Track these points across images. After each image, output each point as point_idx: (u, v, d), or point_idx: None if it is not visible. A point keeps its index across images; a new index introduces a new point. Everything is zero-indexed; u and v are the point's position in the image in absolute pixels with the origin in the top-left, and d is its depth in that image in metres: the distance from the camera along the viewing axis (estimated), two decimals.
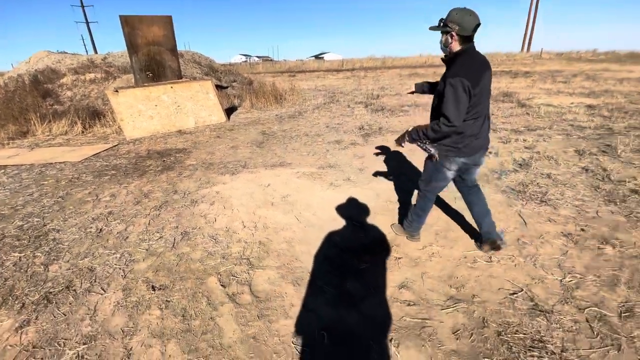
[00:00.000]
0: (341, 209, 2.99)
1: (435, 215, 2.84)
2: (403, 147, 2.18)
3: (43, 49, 11.74)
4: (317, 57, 70.13)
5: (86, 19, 42.93)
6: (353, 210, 2.98)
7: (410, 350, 1.57)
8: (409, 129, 2.09)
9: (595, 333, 1.63)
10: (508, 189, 3.27)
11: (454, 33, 1.80)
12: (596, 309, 1.77)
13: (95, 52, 41.11)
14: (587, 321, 1.70)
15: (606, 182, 3.34)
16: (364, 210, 2.97)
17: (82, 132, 6.98)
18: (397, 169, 4.04)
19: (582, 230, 2.53)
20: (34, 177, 4.25)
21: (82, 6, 42.41)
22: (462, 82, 1.75)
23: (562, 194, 3.14)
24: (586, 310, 1.77)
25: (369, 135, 5.68)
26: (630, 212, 2.74)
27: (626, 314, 1.74)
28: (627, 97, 8.35)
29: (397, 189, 3.40)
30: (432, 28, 1.92)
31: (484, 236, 2.26)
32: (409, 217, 2.42)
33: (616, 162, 3.87)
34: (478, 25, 1.79)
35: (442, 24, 1.86)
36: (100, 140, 6.33)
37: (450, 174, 2.09)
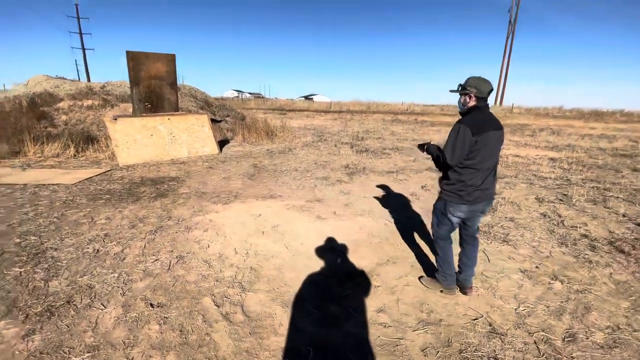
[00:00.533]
0: (327, 240, 3.27)
1: (411, 249, 3.16)
2: (422, 153, 2.54)
3: (38, 72, 12.04)
4: (306, 97, 73.29)
5: (83, 45, 43.93)
6: (337, 241, 3.26)
7: None
8: (431, 142, 2.46)
9: (541, 353, 1.91)
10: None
11: (472, 95, 2.14)
12: (544, 333, 2.07)
13: (88, 78, 41.61)
14: (535, 343, 1.99)
15: (560, 227, 3.79)
16: (347, 242, 3.25)
17: (74, 155, 7.11)
18: (384, 204, 4.39)
19: (537, 267, 2.89)
20: (27, 197, 4.34)
21: (80, 33, 43.60)
22: (463, 128, 2.05)
23: (522, 235, 3.54)
24: (535, 334, 2.06)
25: (354, 173, 6.11)
26: (579, 254, 3.15)
27: (569, 338, 2.04)
28: (587, 152, 9.30)
29: (380, 224, 3.72)
30: (452, 91, 2.25)
31: (459, 280, 2.44)
32: (439, 270, 2.47)
33: (571, 210, 4.37)
34: (491, 90, 2.14)
35: (461, 87, 2.20)
36: (92, 164, 6.47)
37: (455, 219, 2.28)
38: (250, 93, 75.57)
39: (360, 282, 2.58)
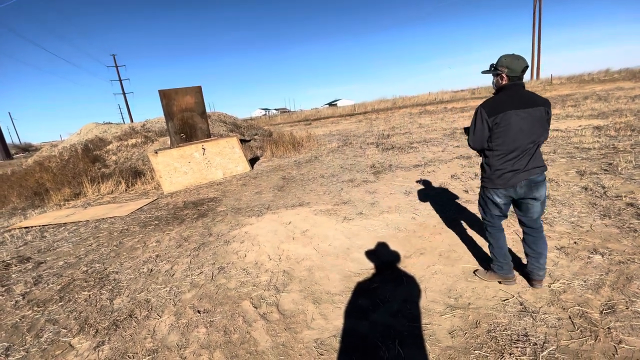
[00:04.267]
0: (354, 239, 3.38)
1: (439, 239, 3.17)
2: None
3: (88, 121, 13.53)
4: (330, 104, 73.83)
5: (123, 91, 48.33)
6: (365, 239, 3.36)
7: (412, 348, 1.87)
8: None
9: (576, 327, 1.87)
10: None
11: (504, 75, 2.04)
12: (579, 307, 2.01)
13: (131, 119, 45.56)
14: (570, 318, 1.94)
15: (603, 199, 3.56)
16: (374, 238, 3.34)
17: (126, 190, 7.90)
18: (411, 199, 4.41)
19: (575, 243, 2.77)
20: (90, 231, 4.95)
21: (120, 80, 48.03)
22: (480, 111, 2.05)
23: (560, 212, 3.38)
24: (570, 309, 2.01)
25: (380, 172, 6.15)
26: (624, 224, 2.95)
27: (607, 310, 1.96)
28: (637, 115, 8.46)
29: (406, 218, 3.76)
30: (484, 72, 2.16)
31: (532, 276, 2.25)
32: (493, 260, 2.35)
33: (616, 179, 4.07)
34: (526, 67, 2.00)
35: (492, 67, 2.12)
36: (141, 196, 7.16)
37: (496, 203, 2.19)
38: (276, 109, 77.83)
39: (387, 275, 2.66)
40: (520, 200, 2.15)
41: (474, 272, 2.55)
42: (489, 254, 2.43)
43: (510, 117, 1.98)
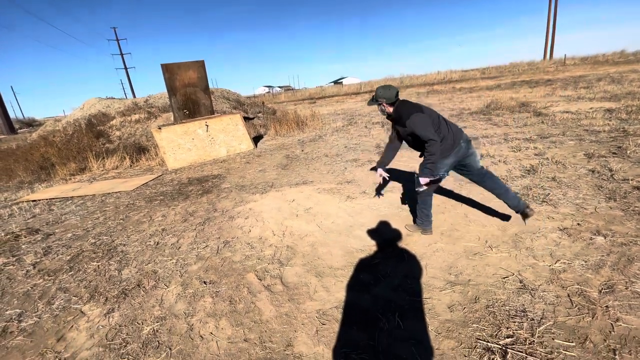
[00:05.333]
0: (357, 217, 3.40)
1: (442, 218, 3.18)
2: (426, 188, 2.70)
3: (90, 96, 13.43)
4: (336, 82, 72.40)
5: (125, 65, 47.60)
6: (367, 217, 3.38)
7: (412, 320, 1.92)
8: (417, 176, 2.67)
9: (574, 304, 1.90)
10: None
11: (384, 103, 2.67)
12: (578, 286, 2.04)
13: (134, 94, 45.10)
14: (568, 296, 1.97)
15: (610, 182, 3.52)
16: (376, 217, 3.36)
17: (130, 165, 7.95)
18: (406, 179, 4.41)
19: (578, 224, 2.77)
20: (97, 205, 5.03)
21: (122, 54, 47.19)
22: (416, 115, 2.52)
23: (565, 194, 3.37)
24: (569, 287, 2.04)
25: None
26: (629, 207, 2.94)
27: (606, 290, 1.99)
28: None
29: (407, 197, 3.76)
30: (369, 104, 2.77)
31: (515, 210, 2.70)
32: (418, 215, 2.91)
33: (624, 163, 4.02)
34: (397, 92, 2.65)
35: (374, 99, 2.70)
36: (146, 171, 7.21)
37: (441, 171, 2.63)
38: (280, 87, 76.57)
39: (388, 252, 2.70)
40: (463, 162, 2.67)
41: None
42: (417, 212, 2.89)
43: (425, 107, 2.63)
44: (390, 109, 2.70)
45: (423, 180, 2.59)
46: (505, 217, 2.98)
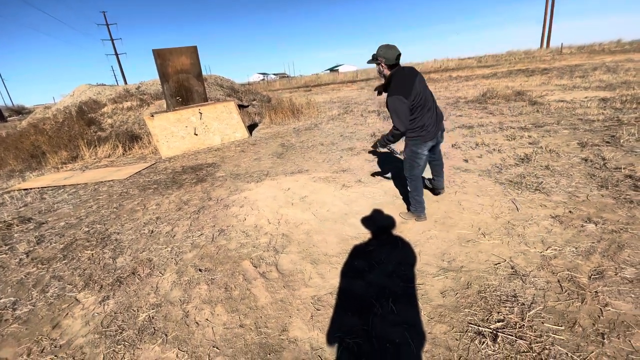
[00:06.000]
0: (352, 205, 3.41)
1: (436, 206, 3.20)
2: (380, 151, 3.01)
3: (81, 83, 13.13)
4: (332, 69, 71.49)
5: (115, 51, 46.45)
6: (362, 205, 3.39)
7: (405, 305, 1.95)
8: (378, 139, 2.86)
9: (563, 290, 1.94)
10: (506, 181, 3.57)
11: (382, 64, 2.52)
12: (568, 272, 2.08)
13: (125, 81, 44.18)
14: (558, 282, 2.01)
15: (602, 170, 3.56)
16: (371, 205, 3.37)
17: (123, 154, 7.84)
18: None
19: (570, 212, 2.80)
20: (90, 194, 4.97)
21: (112, 39, 45.98)
22: (398, 98, 2.45)
23: (557, 182, 3.40)
24: (559, 273, 2.08)
25: None
26: (620, 195, 2.98)
27: (596, 276, 2.03)
28: None
29: (402, 186, 3.77)
30: (369, 62, 2.62)
31: (433, 187, 3.31)
32: (411, 202, 2.97)
33: (617, 151, 4.05)
34: (399, 55, 2.49)
35: (373, 57, 2.55)
36: (139, 160, 7.12)
37: (424, 155, 2.74)
38: (275, 74, 75.52)
39: (383, 239, 2.72)
40: (434, 146, 2.81)
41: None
42: (410, 199, 2.98)
43: (418, 87, 2.49)
44: (388, 72, 2.58)
45: (378, 149, 2.94)
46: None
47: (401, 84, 2.48)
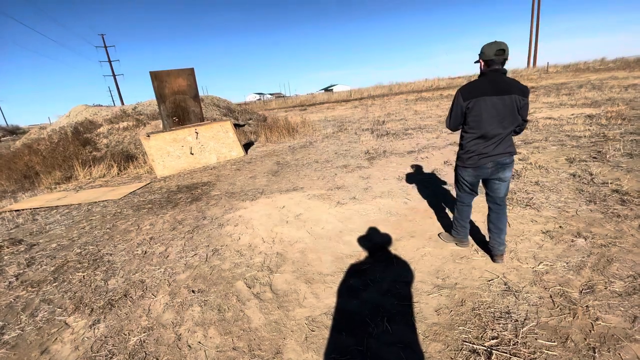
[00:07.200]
0: (347, 223, 3.43)
1: (430, 222, 3.23)
2: None
3: (77, 103, 13.22)
4: (326, 89, 72.96)
5: (113, 72, 47.05)
6: (357, 223, 3.41)
7: (400, 324, 1.94)
8: None
9: (556, 305, 1.95)
10: None
11: (480, 60, 2.22)
12: (560, 287, 2.10)
13: (122, 101, 44.57)
14: (551, 297, 2.03)
15: (590, 185, 3.64)
16: (366, 222, 3.39)
17: (118, 173, 7.83)
18: (404, 185, 4.46)
19: (560, 227, 2.85)
20: (83, 214, 4.93)
21: (110, 61, 46.67)
22: (458, 94, 2.24)
23: (547, 198, 3.46)
24: (551, 289, 2.10)
25: (374, 158, 6.18)
26: (608, 209, 3.04)
27: (587, 290, 2.05)
28: (629, 104, 8.56)
29: (398, 203, 3.81)
30: (476, 62, 2.31)
31: (489, 246, 2.49)
32: (454, 225, 2.71)
33: (604, 167, 4.16)
34: (500, 50, 2.09)
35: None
36: (134, 179, 7.11)
37: (465, 181, 2.41)
38: (271, 94, 76.78)
39: (378, 257, 2.72)
40: (489, 180, 2.36)
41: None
42: (452, 220, 2.75)
43: (484, 102, 2.14)
44: (484, 68, 2.21)
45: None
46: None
47: (474, 86, 2.19)
